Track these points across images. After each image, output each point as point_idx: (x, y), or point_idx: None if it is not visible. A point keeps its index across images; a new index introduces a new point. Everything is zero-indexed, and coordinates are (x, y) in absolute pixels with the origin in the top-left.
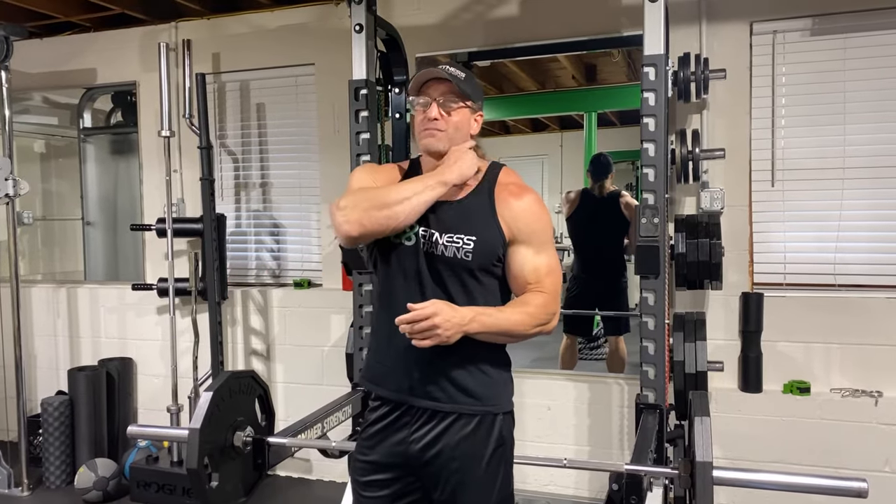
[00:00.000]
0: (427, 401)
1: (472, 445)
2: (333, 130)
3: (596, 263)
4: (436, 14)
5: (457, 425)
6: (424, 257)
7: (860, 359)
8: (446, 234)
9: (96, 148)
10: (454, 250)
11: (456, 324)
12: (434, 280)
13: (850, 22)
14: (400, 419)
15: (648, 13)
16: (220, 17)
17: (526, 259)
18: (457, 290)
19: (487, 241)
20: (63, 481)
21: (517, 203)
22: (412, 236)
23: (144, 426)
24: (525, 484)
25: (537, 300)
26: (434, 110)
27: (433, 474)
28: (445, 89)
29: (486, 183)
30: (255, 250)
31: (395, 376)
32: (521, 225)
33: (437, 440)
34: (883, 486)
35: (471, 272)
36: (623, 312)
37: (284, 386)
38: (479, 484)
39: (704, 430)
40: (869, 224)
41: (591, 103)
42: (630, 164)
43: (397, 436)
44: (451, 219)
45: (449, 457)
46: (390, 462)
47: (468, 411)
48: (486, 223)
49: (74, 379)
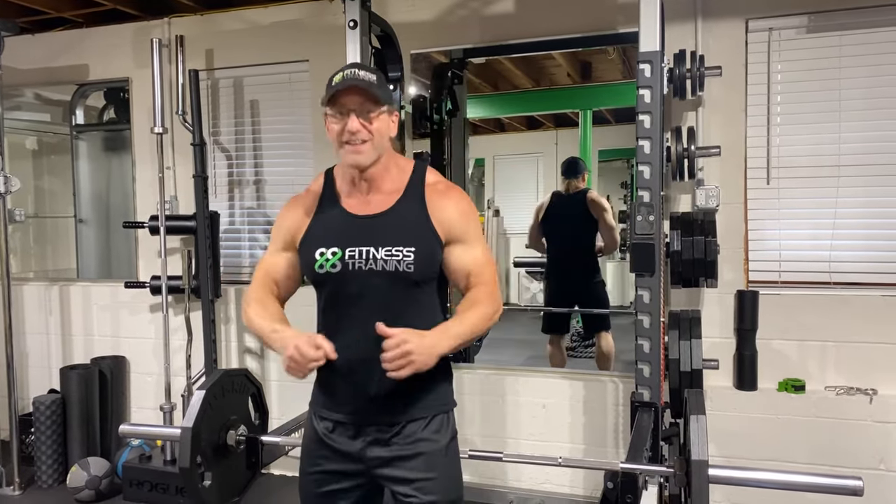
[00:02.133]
0: (383, 416)
1: (429, 442)
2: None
3: (567, 262)
4: (431, 10)
5: (409, 428)
6: (359, 277)
7: (855, 357)
8: (384, 248)
9: (89, 145)
10: (395, 263)
11: (427, 348)
12: (375, 297)
13: (845, 19)
14: (354, 430)
15: (644, 10)
16: (213, 13)
17: (464, 255)
18: (401, 304)
19: (427, 251)
20: (55, 480)
21: (447, 202)
22: (336, 263)
23: (137, 425)
24: (520, 482)
25: (483, 295)
26: (354, 122)
27: (392, 475)
28: (361, 98)
29: (415, 186)
30: (248, 248)
31: (348, 399)
32: (456, 224)
33: (391, 445)
34: (878, 483)
35: (415, 283)
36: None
37: (278, 384)
38: (439, 476)
39: (700, 429)
40: (864, 222)
41: (587, 101)
42: (625, 162)
43: (351, 446)
44: (385, 230)
45: (407, 455)
46: (349, 469)
47: (421, 415)
48: (423, 231)
49: (67, 377)
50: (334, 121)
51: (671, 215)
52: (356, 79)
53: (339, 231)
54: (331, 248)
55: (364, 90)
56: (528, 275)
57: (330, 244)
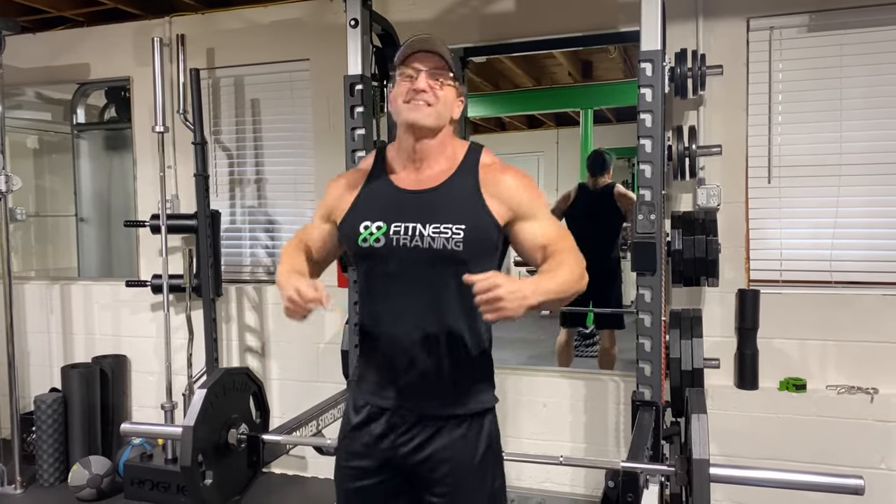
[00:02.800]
0: (414, 409)
1: (462, 449)
2: (328, 126)
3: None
4: (431, 9)
5: (445, 429)
6: (403, 254)
7: (856, 356)
8: (431, 225)
9: (90, 144)
10: (443, 241)
11: (519, 296)
12: (418, 276)
13: (846, 18)
14: (386, 424)
15: (645, 9)
16: (214, 12)
17: (536, 230)
18: (445, 284)
19: (478, 228)
20: (56, 479)
21: (507, 180)
22: (380, 237)
23: (138, 423)
24: (521, 481)
25: (567, 257)
26: (423, 81)
27: (423, 477)
28: (436, 63)
29: (469, 164)
30: (249, 246)
31: (383, 384)
32: (520, 200)
33: (425, 445)
34: (879, 482)
35: (463, 263)
36: (617, 309)
37: (279, 383)
38: (471, 485)
39: (701, 428)
40: (865, 221)
41: (588, 100)
42: (626, 161)
43: (384, 441)
44: (435, 207)
45: (439, 460)
46: (381, 466)
47: (458, 412)
48: (474, 210)
49: (68, 376)
50: (402, 82)
51: (672, 214)
52: (429, 41)
53: (385, 205)
54: (375, 221)
55: (438, 53)
56: (529, 273)
57: (375, 218)
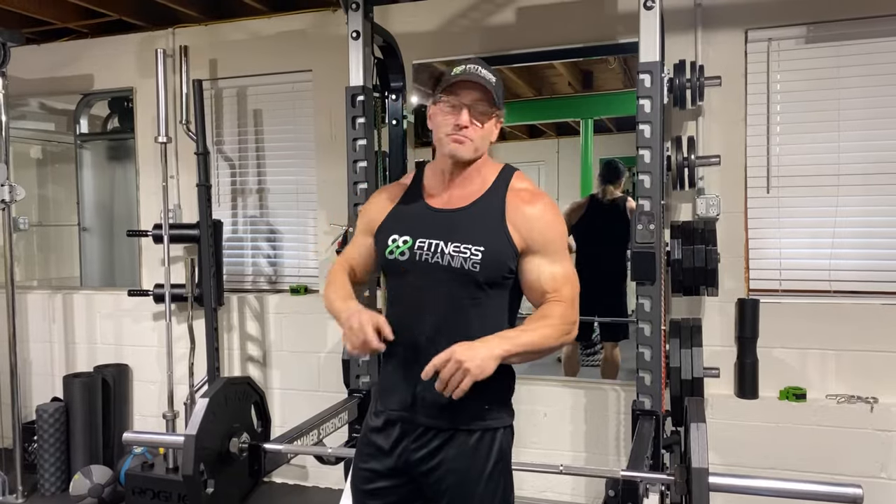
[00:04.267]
0: (427, 419)
1: (472, 461)
2: (330, 137)
3: (598, 268)
4: (432, 21)
5: (455, 441)
6: (424, 269)
7: (856, 365)
8: (452, 244)
9: (93, 154)
10: (461, 261)
11: (483, 354)
12: (437, 292)
13: (844, 30)
14: (400, 430)
15: (644, 21)
16: (217, 24)
17: (542, 269)
18: (462, 303)
19: (497, 252)
20: (58, 488)
21: (530, 210)
22: (405, 251)
23: (140, 433)
24: (522, 490)
25: (557, 310)
26: (465, 117)
27: (432, 486)
28: (479, 96)
29: (498, 188)
30: (251, 256)
31: (399, 392)
32: (536, 234)
33: (435, 454)
34: (878, 492)
35: (478, 284)
36: (622, 319)
37: (280, 392)
38: (478, 498)
39: (700, 437)
40: (863, 231)
41: (588, 110)
42: (627, 171)
43: (398, 446)
44: (458, 227)
45: (448, 470)
46: (393, 470)
47: (469, 427)
48: (496, 233)
49: (70, 385)
50: (445, 110)
51: (672, 224)
52: (479, 75)
53: (414, 221)
54: (403, 236)
55: (484, 88)
56: None
57: (403, 232)
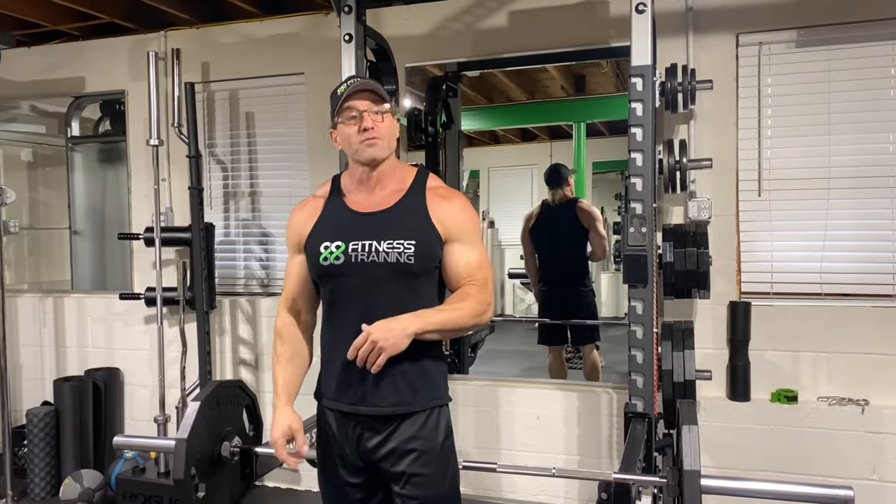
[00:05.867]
0: (378, 407)
1: (424, 439)
2: (323, 140)
3: (558, 272)
4: (425, 24)
5: (406, 422)
6: (361, 269)
7: (847, 367)
8: (386, 241)
9: (84, 157)
10: (396, 255)
11: (396, 331)
12: (376, 289)
13: (833, 34)
14: (353, 427)
15: (636, 24)
16: (209, 27)
17: (460, 256)
18: (400, 296)
19: (427, 244)
20: (48, 493)
21: (448, 204)
22: (339, 255)
23: (131, 437)
24: (514, 493)
25: (472, 291)
26: (368, 120)
27: (388, 470)
28: (370, 99)
29: (416, 188)
30: (243, 259)
31: (346, 390)
32: (455, 224)
33: (388, 439)
34: (869, 493)
35: (414, 275)
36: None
37: (272, 396)
38: (436, 469)
39: (692, 439)
40: (854, 233)
41: (580, 113)
42: (619, 174)
43: (353, 443)
44: (389, 225)
45: (403, 451)
46: (356, 467)
47: (417, 409)
48: (423, 226)
49: (60, 389)
50: (348, 124)
51: (664, 227)
52: (361, 82)
53: (342, 227)
54: (334, 241)
55: (371, 91)
56: (522, 286)
57: (334, 238)
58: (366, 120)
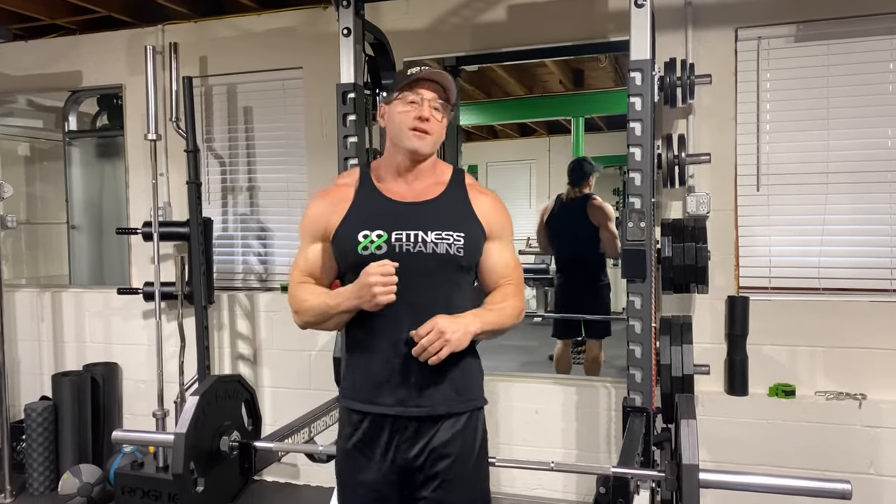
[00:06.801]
0: (421, 408)
1: (461, 443)
2: (321, 134)
3: (573, 266)
4: (424, 18)
5: (446, 424)
6: (406, 260)
7: (844, 362)
8: (434, 232)
9: (81, 151)
10: (446, 247)
11: (462, 328)
12: (421, 281)
13: (833, 29)
14: (389, 430)
15: (635, 19)
16: (207, 21)
17: (501, 255)
18: (446, 288)
19: (475, 237)
20: (47, 488)
21: (489, 200)
22: (381, 245)
23: (129, 431)
24: (513, 487)
25: (511, 291)
26: (427, 110)
27: (422, 473)
28: (438, 92)
29: (457, 183)
30: (241, 254)
31: (388, 390)
32: (497, 222)
33: (428, 441)
34: (867, 487)
35: (461, 269)
36: (604, 316)
37: (271, 390)
38: (466, 480)
39: (691, 433)
40: (852, 228)
41: (579, 108)
42: (617, 169)
43: (389, 448)
44: (436, 216)
45: (439, 455)
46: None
47: (458, 410)
48: (469, 220)
49: (58, 384)
50: (405, 106)
51: (662, 222)
52: (438, 73)
53: (382, 216)
54: (375, 230)
55: (443, 86)
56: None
57: (373, 227)
58: (425, 109)
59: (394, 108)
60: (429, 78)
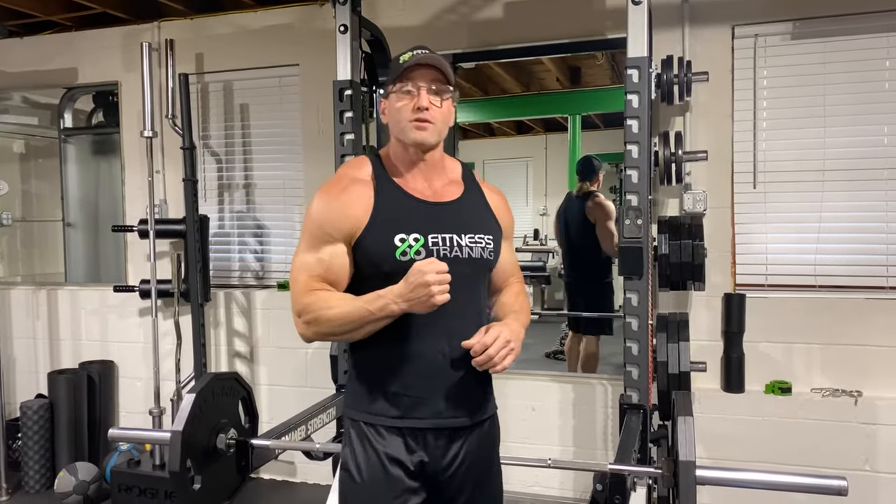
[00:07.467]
0: (456, 419)
1: (488, 447)
2: (318, 131)
3: (578, 262)
4: (420, 15)
5: (476, 431)
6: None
7: (840, 359)
8: (468, 235)
9: (77, 148)
10: (479, 251)
11: (516, 335)
12: (458, 286)
13: (829, 26)
14: (424, 443)
15: (632, 16)
16: (203, 17)
17: (509, 254)
18: (478, 293)
19: (498, 239)
20: (42, 486)
21: (501, 200)
22: (420, 249)
23: (126, 429)
24: (510, 485)
25: (520, 289)
26: (425, 99)
27: (455, 482)
28: (435, 76)
29: (471, 180)
30: (238, 251)
31: (424, 403)
32: (509, 222)
33: (459, 452)
34: (862, 484)
35: (489, 271)
36: (599, 314)
37: (268, 388)
38: (494, 481)
39: (687, 430)
40: (848, 226)
41: (576, 106)
42: (614, 167)
43: (424, 463)
44: (465, 218)
45: (471, 462)
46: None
47: (487, 415)
48: (492, 221)
49: (54, 382)
50: (401, 98)
51: (659, 219)
52: (430, 55)
53: (415, 217)
54: (412, 234)
55: (438, 68)
56: None
57: (410, 230)
58: (422, 98)
59: (392, 103)
60: (421, 62)
